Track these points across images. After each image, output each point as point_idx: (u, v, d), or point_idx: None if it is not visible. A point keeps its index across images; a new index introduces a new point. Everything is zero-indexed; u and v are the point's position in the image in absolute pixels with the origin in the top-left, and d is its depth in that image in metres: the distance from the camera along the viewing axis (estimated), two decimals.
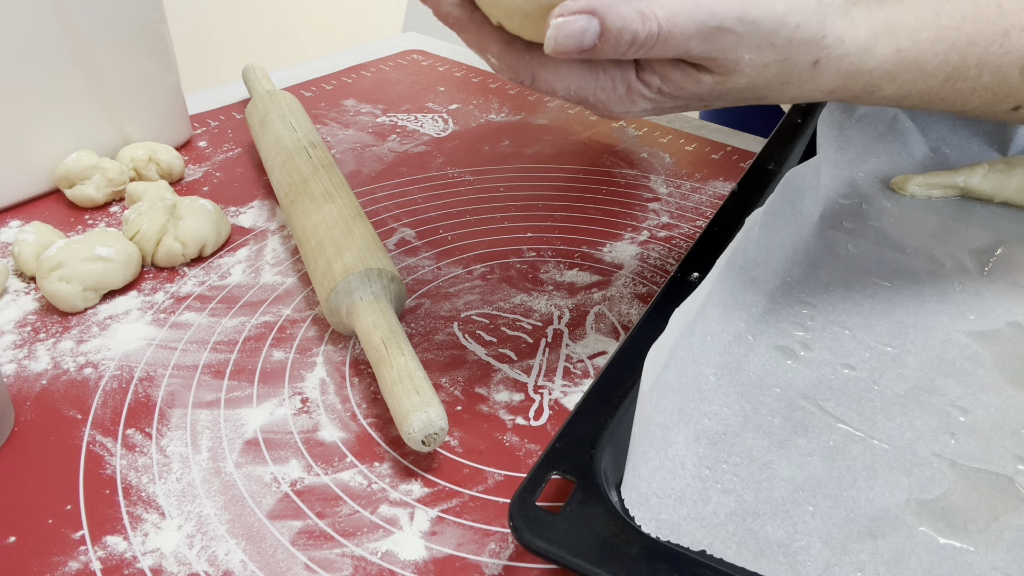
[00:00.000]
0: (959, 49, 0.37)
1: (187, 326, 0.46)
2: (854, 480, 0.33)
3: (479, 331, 0.46)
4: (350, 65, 0.84)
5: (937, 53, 0.36)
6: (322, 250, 0.45)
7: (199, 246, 0.51)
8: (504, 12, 0.32)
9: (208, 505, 0.35)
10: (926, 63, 0.36)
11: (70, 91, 0.56)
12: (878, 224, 0.50)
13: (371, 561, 0.33)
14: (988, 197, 0.53)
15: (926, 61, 0.36)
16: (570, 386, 0.42)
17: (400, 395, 0.36)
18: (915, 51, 0.36)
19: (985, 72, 0.38)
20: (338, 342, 0.45)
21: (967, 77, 0.38)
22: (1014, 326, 0.42)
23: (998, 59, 0.37)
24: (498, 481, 0.37)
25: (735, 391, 0.37)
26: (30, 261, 0.48)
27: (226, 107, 0.73)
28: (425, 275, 0.51)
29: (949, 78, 0.37)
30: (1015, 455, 0.35)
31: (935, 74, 0.37)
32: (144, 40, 0.59)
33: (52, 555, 0.33)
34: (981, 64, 0.37)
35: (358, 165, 0.64)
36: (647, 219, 0.58)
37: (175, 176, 0.60)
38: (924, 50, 0.36)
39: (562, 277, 0.51)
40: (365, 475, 0.37)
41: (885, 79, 0.36)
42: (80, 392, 0.41)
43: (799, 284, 0.44)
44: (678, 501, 0.31)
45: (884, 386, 0.38)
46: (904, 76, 0.36)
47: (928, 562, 0.30)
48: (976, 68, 0.37)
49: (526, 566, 0.33)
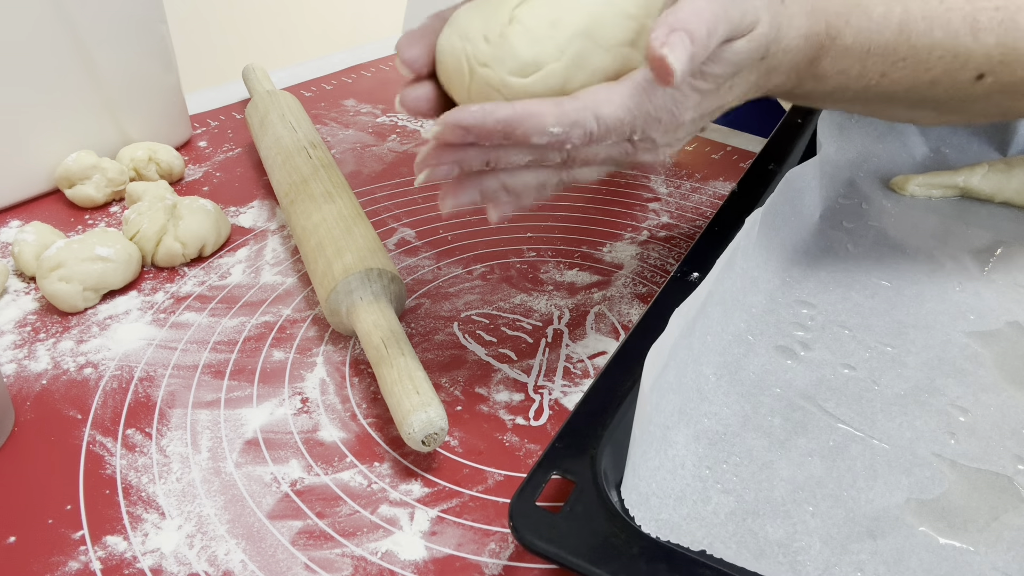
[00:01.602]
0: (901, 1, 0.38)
1: (187, 326, 0.46)
2: (854, 480, 0.33)
3: (479, 331, 0.46)
4: (350, 65, 0.84)
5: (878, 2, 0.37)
6: (322, 250, 0.45)
7: (199, 246, 0.51)
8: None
9: (208, 505, 0.35)
10: (871, 9, 0.37)
11: (70, 91, 0.56)
12: (878, 224, 0.50)
13: (371, 561, 0.33)
14: (988, 197, 0.53)
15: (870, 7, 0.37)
16: (570, 386, 0.42)
17: (400, 395, 0.36)
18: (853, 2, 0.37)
19: (935, 27, 0.38)
20: (338, 342, 0.45)
21: (918, 31, 0.38)
22: (1014, 326, 0.42)
23: (942, 15, 0.38)
24: (498, 481, 0.37)
25: (735, 391, 0.37)
26: (30, 261, 0.48)
27: (226, 107, 0.73)
28: (425, 275, 0.51)
29: (901, 29, 0.38)
30: (1015, 455, 0.35)
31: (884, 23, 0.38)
32: (144, 40, 0.59)
33: (52, 555, 0.33)
34: (927, 18, 0.38)
35: (358, 165, 0.64)
36: (647, 219, 0.58)
37: (175, 176, 0.60)
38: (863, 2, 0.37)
39: (562, 277, 0.51)
40: (365, 475, 0.37)
41: (839, 20, 0.37)
42: (80, 392, 0.41)
43: (799, 284, 0.44)
44: (678, 501, 0.31)
45: (884, 386, 0.38)
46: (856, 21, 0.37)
47: (928, 562, 0.30)
48: (923, 21, 0.38)
49: (526, 566, 0.33)
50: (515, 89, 0.32)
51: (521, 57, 0.31)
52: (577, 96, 0.31)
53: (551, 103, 0.31)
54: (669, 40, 0.29)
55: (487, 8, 0.33)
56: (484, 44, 0.32)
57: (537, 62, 0.31)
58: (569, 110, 0.31)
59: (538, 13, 0.32)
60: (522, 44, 0.31)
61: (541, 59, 0.31)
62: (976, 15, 0.38)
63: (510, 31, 0.32)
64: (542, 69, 0.31)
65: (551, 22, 0.31)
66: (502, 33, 0.32)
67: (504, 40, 0.31)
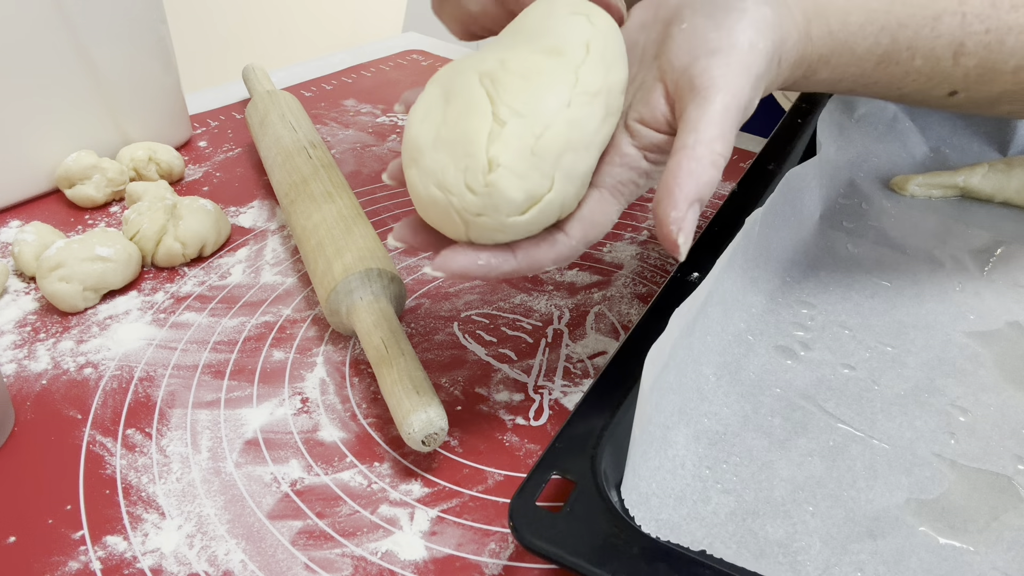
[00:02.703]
0: (889, 32, 0.37)
1: (187, 326, 0.46)
2: (854, 480, 0.33)
3: (479, 331, 0.46)
4: (350, 65, 0.84)
5: (868, 35, 0.36)
6: (322, 250, 0.45)
7: (199, 246, 0.51)
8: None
9: (208, 505, 0.35)
10: (857, 45, 0.36)
11: (70, 91, 0.56)
12: (878, 224, 0.50)
13: (371, 561, 0.33)
14: (988, 197, 0.53)
15: (856, 44, 0.36)
16: (570, 386, 0.42)
17: (400, 395, 0.36)
18: (845, 33, 0.36)
19: (918, 56, 0.38)
20: (338, 342, 0.45)
21: (899, 60, 0.38)
22: (1014, 326, 0.42)
23: (929, 43, 0.37)
24: (498, 481, 0.37)
25: (735, 391, 0.37)
26: (30, 261, 0.48)
27: (226, 107, 0.73)
28: (425, 275, 0.51)
29: (881, 61, 0.37)
30: (1015, 455, 0.35)
31: (866, 57, 0.37)
32: (144, 40, 0.59)
33: (52, 555, 0.33)
34: (913, 48, 0.37)
35: (358, 165, 0.64)
36: (647, 219, 0.58)
37: (175, 176, 0.60)
38: (854, 32, 0.36)
39: (562, 277, 0.51)
40: (365, 475, 0.37)
41: (820, 62, 0.36)
42: (80, 392, 0.41)
43: (799, 284, 0.44)
44: (678, 501, 0.31)
45: (884, 386, 0.38)
46: (837, 59, 0.36)
47: (928, 562, 0.30)
48: (908, 51, 0.37)
49: (526, 566, 0.33)
50: (518, 226, 0.31)
51: (515, 200, 0.30)
52: (568, 230, 0.33)
53: (547, 246, 0.33)
54: (687, 221, 0.29)
55: (454, 148, 0.30)
56: (471, 196, 0.30)
57: (532, 198, 0.30)
58: (563, 249, 0.33)
59: (513, 147, 0.30)
60: (512, 188, 0.30)
61: (535, 194, 0.30)
62: (964, 40, 0.38)
63: (495, 178, 0.30)
64: (539, 202, 0.31)
65: (531, 151, 0.30)
66: (487, 183, 0.30)
67: (492, 188, 0.30)
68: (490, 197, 0.30)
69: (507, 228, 0.31)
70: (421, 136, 0.32)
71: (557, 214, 0.32)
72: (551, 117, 0.30)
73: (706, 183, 0.30)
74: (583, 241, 0.33)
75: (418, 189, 0.32)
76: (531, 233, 0.32)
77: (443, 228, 0.32)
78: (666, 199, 0.29)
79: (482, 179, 0.30)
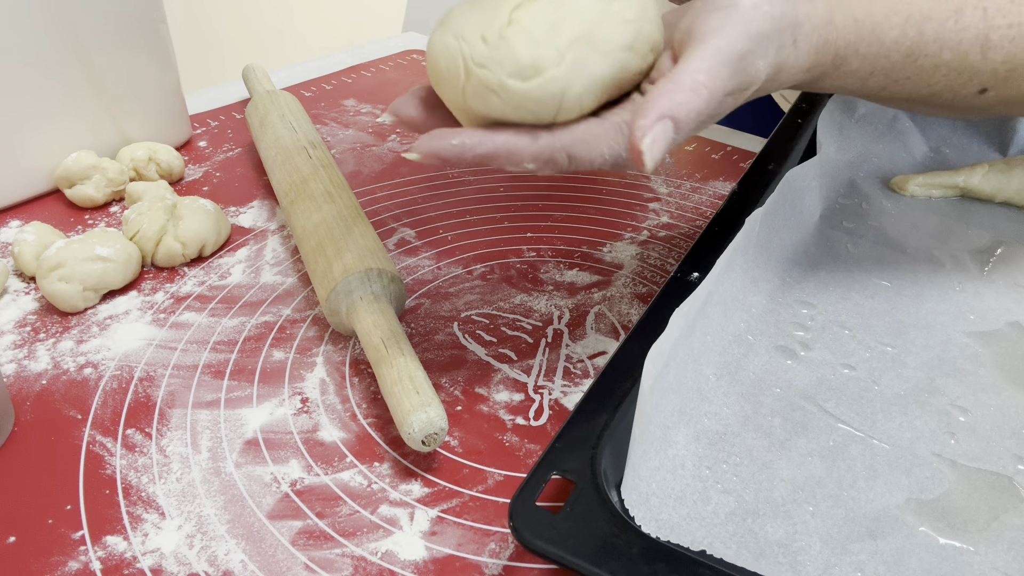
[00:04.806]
0: (915, 23, 0.37)
1: (187, 326, 0.46)
2: (854, 480, 0.33)
3: (479, 331, 0.46)
4: (350, 65, 0.84)
5: (893, 25, 0.37)
6: (322, 250, 0.45)
7: (199, 246, 0.51)
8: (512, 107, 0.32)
9: (208, 505, 0.35)
10: (884, 35, 0.37)
11: (70, 91, 0.56)
12: (878, 224, 0.50)
13: (371, 561, 0.33)
14: (988, 197, 0.53)
15: (884, 33, 0.37)
16: (570, 386, 0.42)
17: (400, 395, 0.36)
18: (871, 22, 0.36)
19: (945, 48, 0.38)
20: (338, 342, 0.45)
21: (927, 53, 0.38)
22: (1014, 326, 0.42)
23: (956, 35, 0.38)
24: (498, 481, 0.37)
25: (735, 391, 0.37)
26: (30, 261, 0.48)
27: (226, 107, 0.73)
28: (425, 275, 0.51)
29: (910, 53, 0.38)
30: (1015, 455, 0.35)
31: (895, 48, 0.37)
32: (144, 40, 0.59)
33: (52, 555, 0.33)
34: (940, 40, 0.37)
35: (358, 165, 0.64)
36: (647, 219, 0.58)
37: (175, 176, 0.60)
38: (879, 22, 0.36)
39: (562, 277, 0.51)
40: (365, 475, 0.37)
41: (849, 50, 0.36)
42: (80, 392, 0.41)
43: (799, 284, 0.44)
44: (678, 501, 0.31)
45: (884, 386, 0.38)
46: (866, 48, 0.37)
47: (928, 562, 0.30)
48: (935, 43, 0.38)
49: (526, 566, 0.33)
50: (514, 92, 0.31)
51: (521, 60, 0.31)
52: (556, 133, 0.32)
53: (529, 137, 0.32)
54: (653, 131, 0.29)
55: (483, 8, 0.33)
56: (482, 44, 0.31)
57: (536, 66, 0.31)
58: (544, 147, 0.32)
59: (537, 16, 0.31)
60: (522, 46, 0.31)
61: (541, 63, 0.31)
62: (989, 34, 0.38)
63: (509, 32, 0.31)
64: (542, 75, 0.31)
65: (551, 25, 0.31)
66: (501, 34, 0.31)
67: (503, 41, 0.31)
68: (499, 49, 0.31)
69: (505, 90, 0.31)
70: (458, 7, 0.34)
71: (554, 108, 0.32)
72: (581, 6, 0.32)
73: (680, 103, 0.30)
74: (565, 151, 0.32)
75: (435, 40, 0.33)
76: (522, 115, 0.32)
77: (443, 84, 0.33)
78: (639, 112, 0.30)
79: (497, 31, 0.31)
